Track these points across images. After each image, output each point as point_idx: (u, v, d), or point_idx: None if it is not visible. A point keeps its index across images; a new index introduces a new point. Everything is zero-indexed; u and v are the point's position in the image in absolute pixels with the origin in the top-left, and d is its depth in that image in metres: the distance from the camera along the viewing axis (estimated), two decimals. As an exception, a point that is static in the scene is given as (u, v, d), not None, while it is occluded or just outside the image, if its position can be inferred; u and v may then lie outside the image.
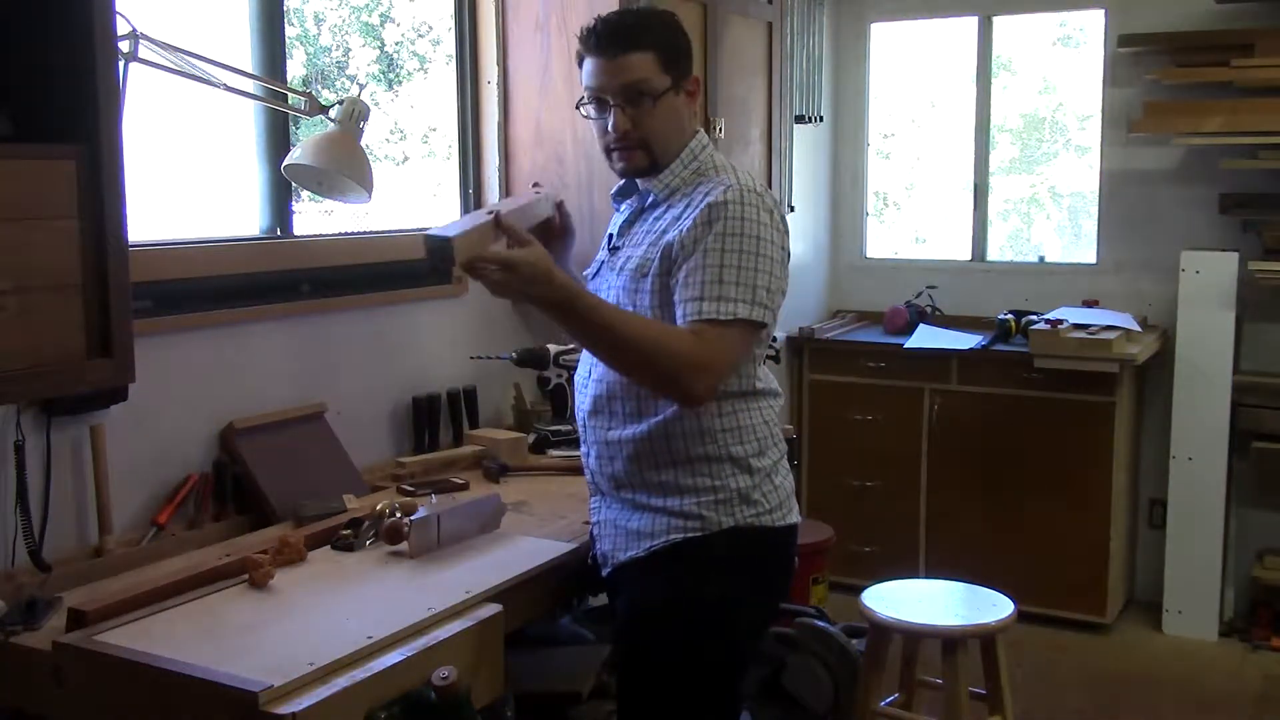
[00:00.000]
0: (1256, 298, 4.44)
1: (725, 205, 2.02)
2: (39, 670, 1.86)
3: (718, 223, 2.01)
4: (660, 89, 2.11)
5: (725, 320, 1.97)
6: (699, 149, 2.18)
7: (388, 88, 3.48)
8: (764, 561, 2.15)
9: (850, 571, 4.62)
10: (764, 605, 2.22)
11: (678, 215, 2.09)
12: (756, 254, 2.01)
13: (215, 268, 2.56)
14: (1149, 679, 4.15)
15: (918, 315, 4.99)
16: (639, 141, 2.13)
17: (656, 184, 2.17)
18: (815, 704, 3.04)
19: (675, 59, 2.14)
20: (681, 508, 2.08)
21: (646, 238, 2.13)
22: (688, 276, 2.01)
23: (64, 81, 1.87)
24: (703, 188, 2.10)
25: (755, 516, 2.10)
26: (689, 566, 2.07)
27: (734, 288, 1.98)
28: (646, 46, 2.10)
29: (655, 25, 2.15)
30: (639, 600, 2.13)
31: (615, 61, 2.10)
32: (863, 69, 5.31)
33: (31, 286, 1.81)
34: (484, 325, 3.33)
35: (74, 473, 2.30)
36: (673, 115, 2.14)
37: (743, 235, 2.01)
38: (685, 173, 2.16)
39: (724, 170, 2.14)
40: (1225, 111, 4.32)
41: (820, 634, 3.09)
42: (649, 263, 2.08)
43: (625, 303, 2.11)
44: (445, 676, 1.78)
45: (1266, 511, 4.55)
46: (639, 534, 2.11)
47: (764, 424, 2.15)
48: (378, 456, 2.98)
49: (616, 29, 2.11)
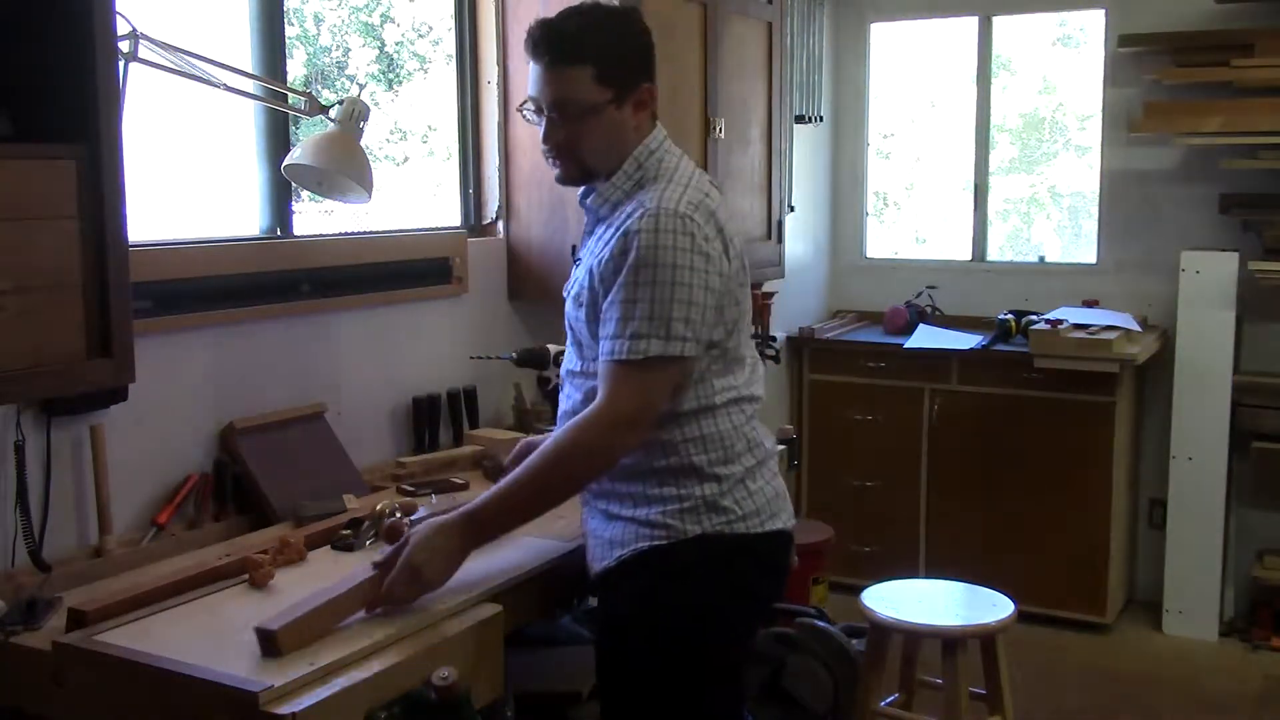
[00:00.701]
0: (1256, 298, 4.44)
1: (638, 234, 1.95)
2: (39, 670, 1.86)
3: (630, 253, 1.95)
4: (596, 104, 2.02)
5: (638, 360, 1.93)
6: (644, 155, 2.09)
7: (388, 88, 3.48)
8: (738, 568, 2.09)
9: (850, 571, 4.62)
10: (744, 612, 2.17)
11: (609, 237, 2.03)
12: (672, 284, 1.93)
13: (215, 268, 2.56)
14: (1149, 679, 4.15)
15: (918, 315, 4.99)
16: (570, 154, 2.08)
17: (597, 199, 2.11)
18: (815, 704, 3.04)
19: (618, 71, 2.04)
20: (648, 517, 2.05)
21: (588, 259, 2.09)
22: (605, 314, 1.98)
23: (64, 81, 1.87)
24: (631, 207, 2.02)
25: (726, 524, 2.05)
26: (657, 576, 2.04)
27: (645, 323, 1.93)
28: (584, 59, 2.01)
29: (599, 33, 2.03)
30: (610, 610, 2.13)
31: (551, 72, 2.02)
32: (863, 69, 5.31)
33: (31, 286, 1.81)
34: (484, 325, 3.33)
35: (74, 473, 2.30)
36: (611, 129, 2.05)
37: (655, 265, 1.93)
38: (627, 184, 2.08)
39: (662, 180, 2.05)
40: (1225, 111, 4.32)
41: (820, 634, 3.09)
42: (584, 292, 2.05)
43: (577, 330, 2.10)
44: (445, 676, 1.78)
45: (1266, 511, 4.55)
46: (611, 543, 2.09)
47: (733, 431, 2.08)
48: (378, 456, 2.98)
49: (554, 37, 2.02)
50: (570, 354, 2.18)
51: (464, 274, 3.22)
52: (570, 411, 2.14)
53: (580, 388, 2.13)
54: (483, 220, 3.48)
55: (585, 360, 2.11)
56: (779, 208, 4.14)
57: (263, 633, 1.75)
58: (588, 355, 2.09)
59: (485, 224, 3.48)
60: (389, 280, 3.01)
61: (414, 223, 3.36)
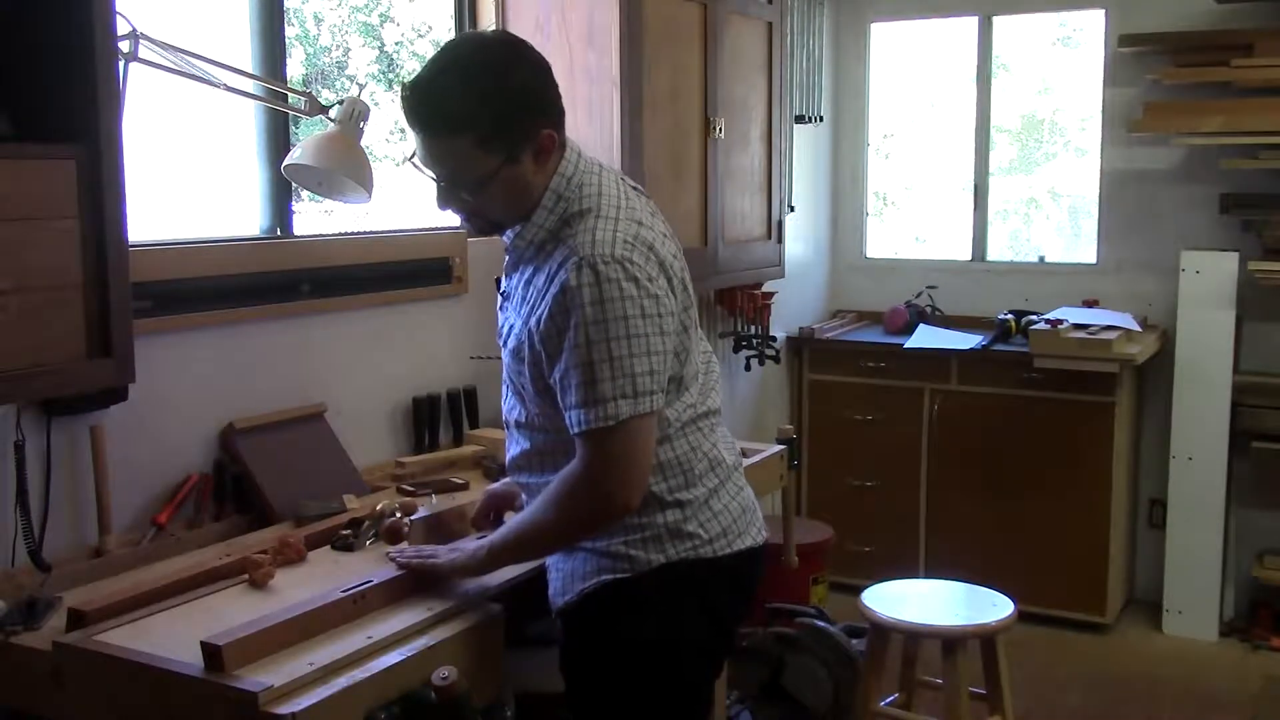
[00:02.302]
0: (1256, 298, 4.44)
1: (580, 291, 1.80)
2: (39, 670, 1.86)
3: (575, 311, 1.80)
4: (485, 173, 1.86)
5: (613, 426, 1.82)
6: (562, 187, 1.93)
7: (388, 88, 3.48)
8: (708, 593, 2.01)
9: (850, 571, 4.62)
10: (715, 635, 2.08)
11: (542, 286, 1.88)
12: (627, 337, 1.81)
13: (215, 268, 2.56)
14: (1149, 679, 4.15)
15: (918, 315, 4.99)
16: (473, 215, 1.96)
17: (520, 240, 1.96)
18: (815, 704, 3.05)
19: (501, 131, 1.85)
20: (609, 548, 1.95)
21: (521, 306, 1.95)
22: (563, 380, 1.84)
23: (64, 81, 1.87)
24: (559, 254, 1.87)
25: (692, 549, 1.96)
26: (622, 609, 1.96)
27: (610, 385, 1.80)
28: (460, 131, 1.83)
29: (475, 95, 1.83)
30: (574, 645, 2.04)
31: (430, 144, 1.87)
32: (863, 69, 5.31)
33: (31, 286, 1.82)
34: (484, 325, 3.33)
35: (74, 473, 2.30)
36: (511, 187, 1.90)
37: (605, 321, 1.80)
38: (550, 221, 1.93)
39: (586, 218, 1.89)
40: (1225, 111, 4.32)
41: (820, 634, 3.10)
42: (523, 347, 1.92)
43: (516, 382, 2.00)
44: (445, 676, 1.78)
45: (1266, 511, 4.55)
46: (572, 575, 2.00)
47: (691, 453, 1.98)
48: (378, 456, 2.98)
49: (422, 111, 1.85)
50: (512, 403, 2.07)
51: (464, 274, 3.22)
52: (522, 461, 2.06)
53: (528, 438, 2.03)
54: (483, 220, 3.48)
55: (529, 412, 2.00)
56: (779, 208, 4.14)
57: (208, 647, 1.72)
58: (532, 408, 1.99)
59: (485, 224, 3.47)
60: (389, 280, 3.01)
61: (414, 223, 3.36)
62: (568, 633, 2.05)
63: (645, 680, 1.99)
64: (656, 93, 3.34)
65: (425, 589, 2.05)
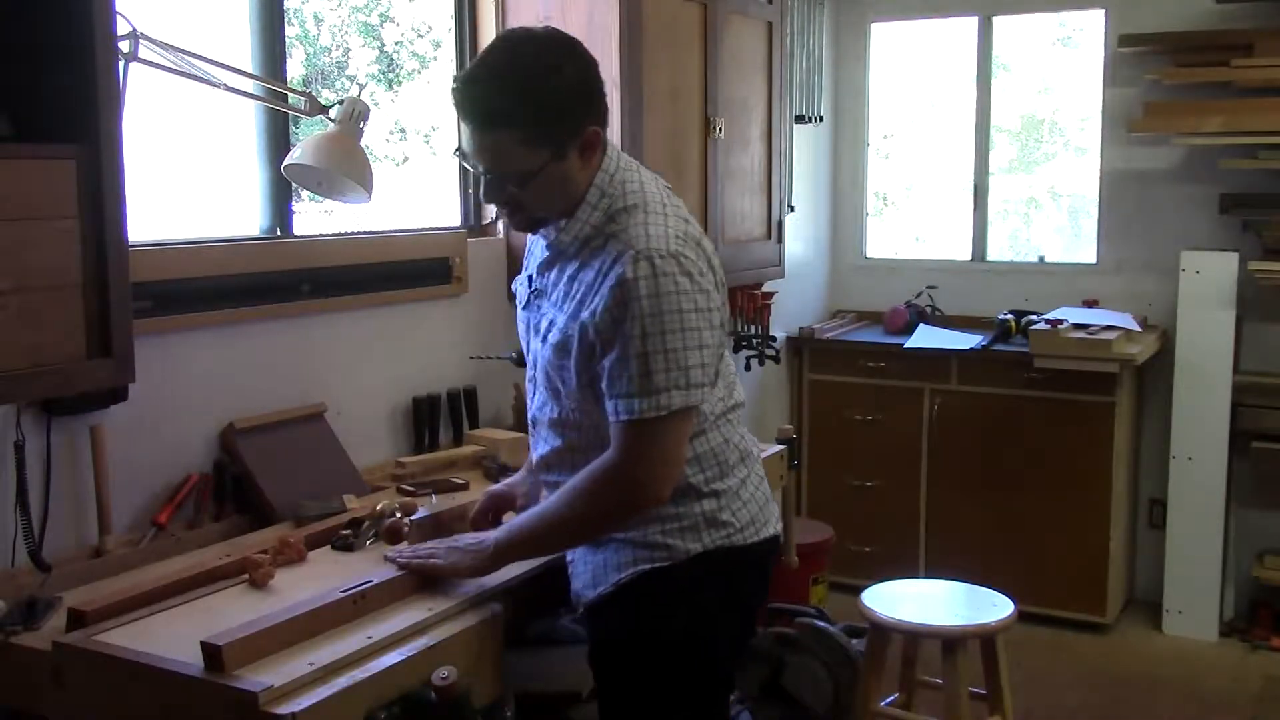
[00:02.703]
0: (1256, 298, 4.44)
1: (637, 284, 1.83)
2: (39, 670, 1.86)
3: (633, 304, 1.83)
4: (532, 168, 1.88)
5: (663, 416, 1.85)
6: (605, 183, 1.95)
7: (388, 88, 3.48)
8: (736, 580, 2.07)
9: (850, 571, 4.62)
10: (742, 621, 2.16)
11: (591, 282, 1.91)
12: (681, 330, 1.85)
13: (215, 268, 2.56)
14: (1149, 679, 4.15)
15: (918, 315, 4.99)
16: (517, 209, 1.97)
17: (564, 235, 1.97)
18: (815, 704, 3.04)
19: (550, 127, 1.87)
20: (646, 538, 1.98)
21: (566, 302, 1.96)
22: (613, 370, 1.86)
23: (64, 81, 1.87)
24: (612, 248, 1.89)
25: (726, 538, 2.01)
26: (658, 598, 1.99)
27: (663, 376, 1.84)
28: (510, 126, 1.85)
29: (524, 91, 1.85)
30: (610, 637, 2.05)
31: (478, 137, 1.88)
32: (863, 69, 5.31)
33: (31, 286, 1.82)
34: (484, 325, 3.33)
35: (74, 473, 2.30)
36: (556, 183, 1.91)
37: (662, 314, 1.84)
38: (595, 217, 1.95)
39: (634, 214, 1.92)
40: (1225, 111, 4.32)
41: (820, 634, 3.09)
42: (570, 340, 1.93)
43: (555, 377, 1.99)
44: (445, 676, 1.78)
45: (1266, 511, 4.55)
46: (605, 567, 2.01)
47: (724, 444, 2.04)
48: (378, 456, 2.98)
49: (475, 104, 1.87)
50: (542, 400, 2.08)
51: (464, 274, 3.22)
52: (553, 459, 2.08)
53: (560, 435, 2.05)
54: (483, 220, 3.48)
55: (565, 408, 2.02)
56: (779, 208, 4.14)
57: (208, 647, 1.72)
58: (568, 404, 2.00)
59: (485, 224, 3.48)
60: (389, 280, 3.01)
61: (414, 223, 3.36)
62: (599, 625, 2.06)
63: (682, 666, 2.02)
64: (656, 93, 3.34)
65: (426, 588, 2.05)
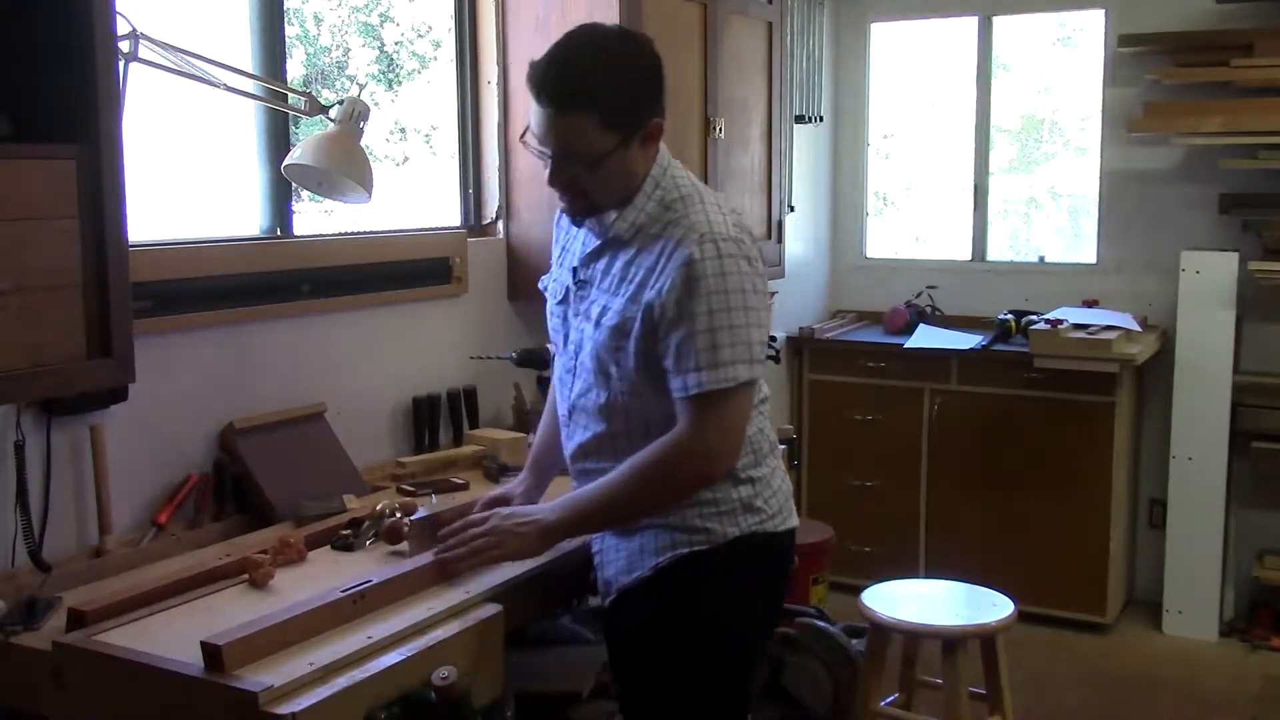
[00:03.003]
0: (1256, 298, 4.44)
1: (704, 264, 1.92)
2: (39, 670, 1.86)
3: (699, 282, 1.91)
4: (602, 151, 1.95)
5: (727, 389, 1.93)
6: (660, 174, 2.04)
7: (388, 88, 3.48)
8: (768, 567, 2.15)
9: (850, 571, 4.62)
10: (769, 609, 2.22)
11: (652, 266, 1.98)
12: (745, 309, 1.94)
13: (215, 268, 2.56)
14: (1149, 679, 4.15)
15: (918, 315, 4.99)
16: (580, 194, 2.02)
17: (620, 222, 2.03)
18: (815, 704, 3.04)
19: (624, 113, 1.95)
20: (685, 522, 2.04)
21: (622, 286, 2.02)
22: (681, 346, 1.93)
23: (64, 81, 1.87)
24: (673, 233, 1.98)
25: (759, 524, 2.08)
26: (696, 581, 2.05)
27: (729, 350, 1.92)
28: (588, 107, 1.92)
29: (605, 75, 1.93)
30: (646, 622, 2.08)
31: (556, 119, 1.94)
32: (863, 69, 5.31)
33: (31, 286, 1.82)
34: (484, 325, 3.33)
35: (74, 473, 2.30)
36: (619, 170, 1.99)
37: (727, 293, 1.93)
38: (650, 207, 2.03)
39: (690, 202, 2.01)
40: (1225, 111, 4.32)
41: (820, 634, 3.09)
42: (630, 321, 1.98)
43: (608, 360, 2.03)
44: (445, 676, 1.78)
45: (1266, 511, 4.55)
46: (641, 552, 2.07)
47: (759, 433, 2.11)
48: (378, 456, 2.98)
49: (558, 84, 1.93)
50: (586, 387, 2.10)
51: (464, 274, 3.22)
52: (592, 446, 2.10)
53: (604, 421, 2.08)
54: (483, 220, 3.48)
55: (614, 392, 2.05)
56: (779, 208, 4.14)
57: (208, 647, 1.72)
58: (619, 386, 2.04)
59: (485, 224, 3.48)
60: (389, 280, 3.01)
61: (414, 223, 3.36)
62: (633, 609, 2.10)
63: (714, 649, 2.07)
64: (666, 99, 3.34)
65: (425, 588, 2.05)
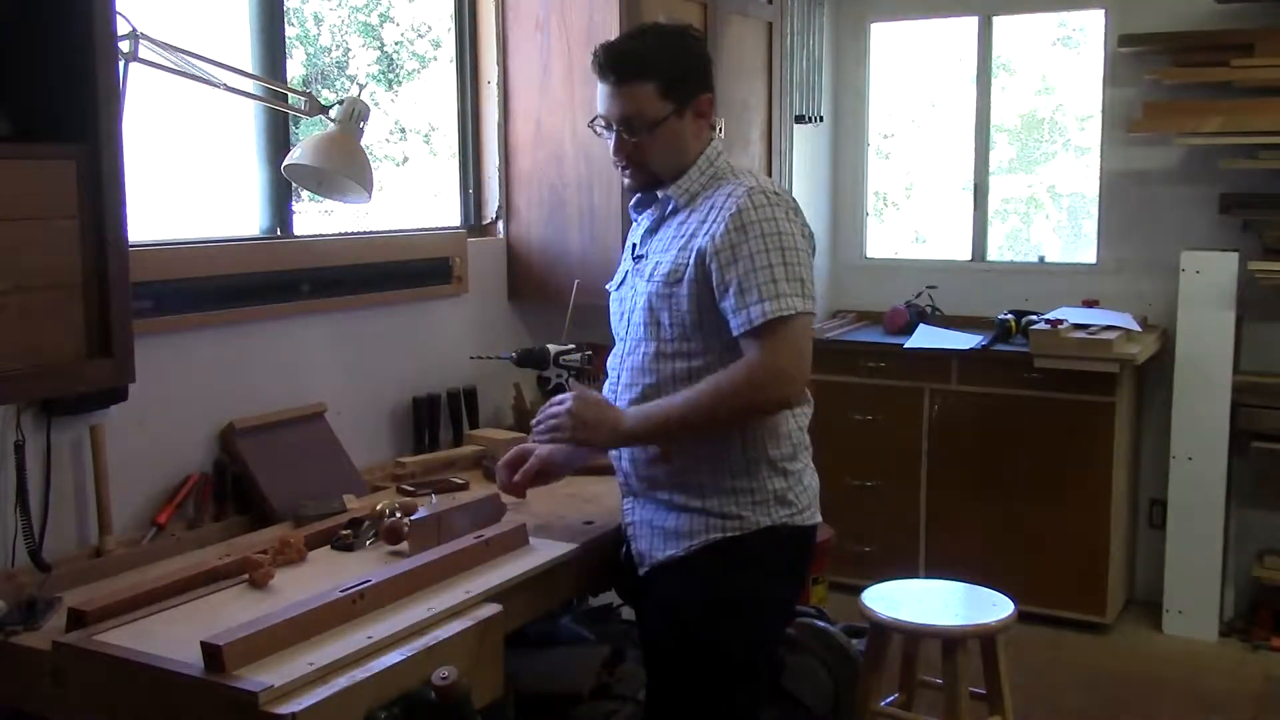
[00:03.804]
0: (1256, 298, 4.44)
1: (755, 209, 2.09)
2: (39, 670, 1.86)
3: (753, 226, 2.08)
4: (659, 117, 2.16)
5: (789, 316, 2.04)
6: (714, 155, 2.24)
7: (388, 88, 3.48)
8: (794, 558, 2.27)
9: (850, 571, 4.61)
10: (791, 596, 2.32)
11: (703, 219, 2.15)
12: (796, 249, 2.09)
13: (215, 268, 2.56)
14: (1149, 679, 4.15)
15: (918, 315, 4.98)
16: (640, 164, 2.22)
17: (675, 189, 2.22)
18: (815, 704, 3.04)
19: (680, 84, 2.18)
20: (721, 508, 2.16)
21: (674, 242, 2.19)
22: (742, 283, 2.07)
23: (64, 81, 1.87)
24: (724, 189, 2.16)
25: (790, 516, 2.20)
26: (727, 565, 2.16)
27: (786, 284, 2.05)
28: (647, 76, 2.15)
29: (660, 51, 2.18)
30: (677, 599, 2.19)
31: (617, 89, 2.17)
32: (863, 69, 5.31)
33: (31, 286, 1.81)
34: (484, 325, 3.33)
35: (74, 473, 2.30)
36: (674, 139, 2.19)
37: (779, 234, 2.08)
38: (703, 178, 2.22)
39: (742, 174, 2.21)
40: (1225, 111, 4.32)
41: (820, 634, 3.09)
42: (681, 268, 2.14)
43: (659, 308, 2.17)
44: (445, 676, 1.78)
45: (1266, 511, 4.55)
46: (676, 533, 2.18)
47: (797, 430, 2.25)
48: (378, 456, 2.98)
49: (618, 57, 2.17)
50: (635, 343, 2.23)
51: (464, 274, 3.22)
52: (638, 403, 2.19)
53: (651, 373, 2.18)
54: (483, 220, 3.48)
55: (661, 341, 2.18)
56: (779, 208, 4.13)
57: (208, 647, 1.72)
58: (669, 333, 2.16)
59: (485, 224, 3.48)
60: (389, 280, 3.01)
61: (414, 223, 3.36)
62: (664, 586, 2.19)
63: (738, 628, 2.17)
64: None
65: (426, 588, 2.05)
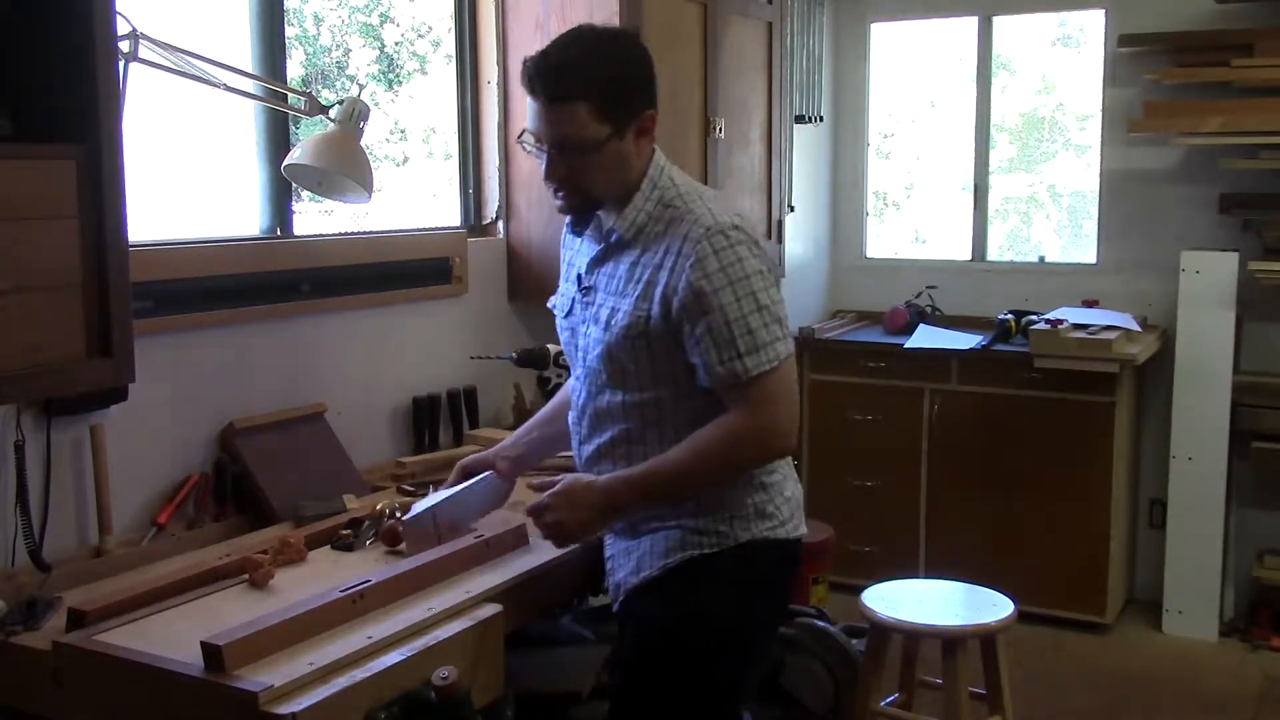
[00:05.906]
0: (1256, 298, 4.44)
1: (717, 255, 1.95)
2: (39, 670, 1.86)
3: (717, 276, 1.95)
4: (596, 140, 1.97)
5: (777, 366, 1.97)
6: (658, 175, 2.06)
7: (388, 88, 3.48)
8: (775, 572, 2.16)
9: (850, 571, 4.61)
10: (772, 615, 2.23)
11: (659, 264, 2.00)
12: (766, 288, 1.99)
13: (215, 268, 2.56)
14: (1149, 679, 4.15)
15: (918, 315, 4.98)
16: (575, 188, 2.04)
17: (621, 222, 2.05)
18: (815, 704, 3.04)
19: (618, 103, 1.98)
20: (697, 525, 2.06)
21: (629, 287, 2.03)
22: (718, 336, 1.95)
23: (64, 81, 1.87)
24: (679, 229, 2.00)
25: (770, 530, 2.09)
26: (705, 583, 2.06)
27: (765, 331, 1.96)
28: (581, 96, 1.95)
29: (595, 67, 1.96)
30: (648, 616, 2.10)
31: (549, 109, 1.97)
32: (863, 69, 5.31)
33: (31, 286, 1.82)
34: (484, 325, 3.33)
35: (74, 473, 2.30)
36: (613, 161, 2.01)
37: (747, 277, 1.96)
38: (649, 206, 2.05)
39: (690, 199, 2.04)
40: (1225, 111, 4.32)
41: (820, 634, 3.09)
42: (642, 319, 2.00)
43: (623, 359, 2.04)
44: (445, 676, 1.78)
45: (1266, 511, 4.55)
46: (653, 552, 2.09)
47: None
48: (378, 456, 2.98)
49: (550, 74, 1.96)
50: (598, 389, 2.11)
51: (464, 274, 3.22)
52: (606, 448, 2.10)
53: (620, 421, 2.08)
54: (483, 220, 3.48)
55: (630, 390, 2.06)
56: (779, 208, 4.14)
57: (208, 647, 1.72)
58: (634, 384, 2.05)
59: (485, 224, 3.48)
60: (389, 280, 3.01)
61: (414, 223, 3.36)
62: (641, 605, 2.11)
63: (714, 646, 2.08)
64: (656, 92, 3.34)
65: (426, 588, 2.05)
